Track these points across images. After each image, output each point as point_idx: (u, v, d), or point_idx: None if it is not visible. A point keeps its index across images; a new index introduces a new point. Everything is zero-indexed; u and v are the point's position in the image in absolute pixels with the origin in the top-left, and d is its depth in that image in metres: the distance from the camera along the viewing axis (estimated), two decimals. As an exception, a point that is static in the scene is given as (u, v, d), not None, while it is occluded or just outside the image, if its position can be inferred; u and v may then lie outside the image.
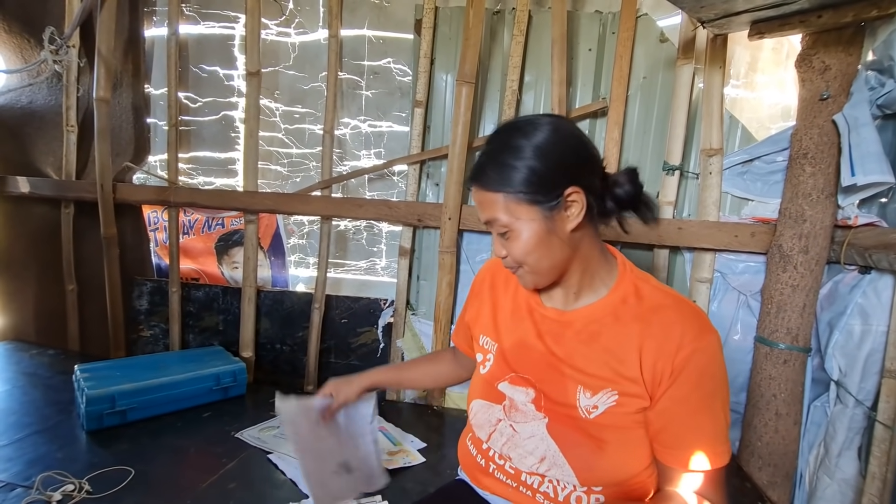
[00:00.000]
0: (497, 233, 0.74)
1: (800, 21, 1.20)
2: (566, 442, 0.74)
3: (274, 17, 1.88)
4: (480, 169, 0.72)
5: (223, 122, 2.00)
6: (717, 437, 0.68)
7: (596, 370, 0.73)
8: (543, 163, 0.68)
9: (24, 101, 2.00)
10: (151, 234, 2.14)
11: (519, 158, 0.68)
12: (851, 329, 1.27)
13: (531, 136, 0.69)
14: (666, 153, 1.54)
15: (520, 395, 0.79)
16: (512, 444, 0.78)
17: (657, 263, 1.57)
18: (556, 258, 0.72)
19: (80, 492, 1.07)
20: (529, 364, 0.79)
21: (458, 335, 1.05)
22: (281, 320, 1.94)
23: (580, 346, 0.75)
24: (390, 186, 1.89)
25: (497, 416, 0.81)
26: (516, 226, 0.70)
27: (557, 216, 0.70)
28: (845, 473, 1.29)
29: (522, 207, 0.69)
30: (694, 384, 0.67)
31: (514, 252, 0.72)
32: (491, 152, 0.72)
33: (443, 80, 1.72)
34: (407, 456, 1.32)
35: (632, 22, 1.52)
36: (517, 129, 0.71)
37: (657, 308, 0.72)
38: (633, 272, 0.78)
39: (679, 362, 0.67)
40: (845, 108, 1.24)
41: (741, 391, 1.49)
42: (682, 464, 0.69)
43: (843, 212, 1.30)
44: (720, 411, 0.69)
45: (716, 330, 0.70)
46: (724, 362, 0.70)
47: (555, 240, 0.71)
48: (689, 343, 0.67)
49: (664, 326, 0.69)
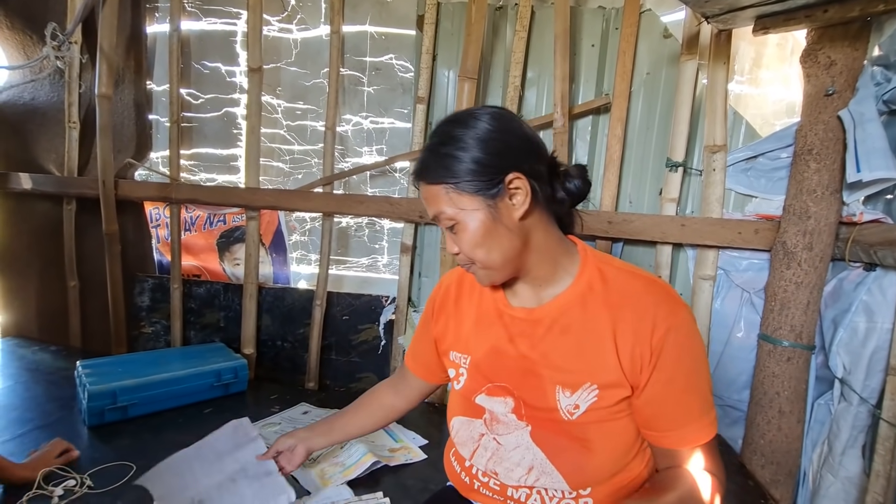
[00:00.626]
0: (446, 227, 0.72)
1: (805, 16, 1.19)
2: (552, 448, 0.72)
3: (276, 13, 1.87)
4: (422, 164, 0.71)
5: (225, 119, 2.00)
6: (706, 409, 0.69)
7: (572, 365, 0.71)
8: (482, 150, 0.67)
9: (26, 97, 2.00)
10: (153, 230, 2.14)
11: (459, 148, 0.67)
12: (856, 326, 1.26)
13: (470, 126, 0.68)
14: (669, 149, 1.53)
15: (499, 406, 0.77)
16: (497, 458, 0.76)
17: (660, 261, 1.56)
18: (505, 249, 0.70)
19: (82, 487, 1.07)
20: (504, 371, 0.77)
21: (417, 357, 0.98)
22: (282, 317, 1.94)
23: (553, 343, 0.73)
24: (392, 183, 1.88)
25: (479, 430, 0.79)
26: (461, 217, 0.69)
27: (502, 204, 0.68)
28: (849, 471, 1.28)
29: (465, 198, 0.68)
30: (675, 363, 0.67)
31: (464, 245, 0.71)
32: (432, 146, 0.71)
33: (445, 76, 1.72)
34: (408, 452, 1.32)
35: (635, 17, 1.51)
36: (456, 121, 0.70)
37: (625, 291, 0.71)
38: (595, 256, 0.76)
39: (656, 343, 0.66)
40: (851, 104, 1.23)
41: (744, 389, 1.48)
42: (680, 443, 0.69)
43: (848, 208, 1.29)
44: (704, 383, 0.69)
45: (686, 304, 0.70)
46: (699, 334, 0.70)
47: (502, 229, 0.69)
48: (663, 321, 0.66)
49: (635, 309, 0.68)
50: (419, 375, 0.98)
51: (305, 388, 1.87)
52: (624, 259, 1.62)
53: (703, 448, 0.69)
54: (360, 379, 1.91)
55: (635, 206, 1.63)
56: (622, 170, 1.61)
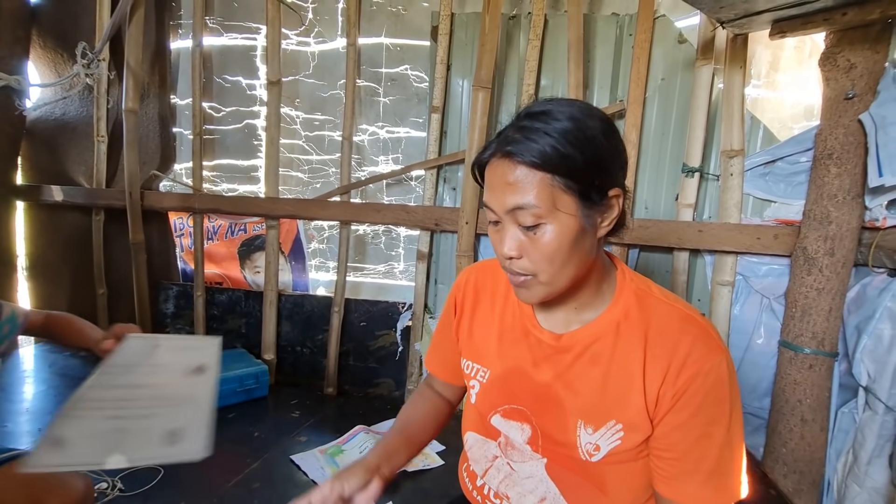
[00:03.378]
0: (520, 224, 0.59)
1: (823, 19, 1.18)
2: (567, 485, 0.68)
3: (294, 27, 1.92)
4: (525, 138, 0.57)
5: (246, 131, 2.05)
6: (721, 471, 0.60)
7: (598, 398, 0.65)
8: (607, 154, 0.59)
9: (57, 113, 2.09)
10: (177, 239, 2.20)
11: (588, 141, 0.56)
12: (881, 334, 1.23)
13: (599, 122, 0.59)
14: (685, 155, 1.53)
15: (515, 432, 0.71)
16: (510, 482, 0.72)
17: (677, 266, 1.55)
18: (578, 267, 0.62)
19: (114, 490, 1.12)
20: (525, 395, 0.70)
21: (437, 358, 0.87)
22: (301, 323, 1.98)
23: (580, 373, 0.67)
24: (408, 191, 1.91)
25: (493, 452, 0.75)
26: (552, 218, 0.58)
27: (596, 218, 0.60)
28: (875, 482, 1.25)
29: (567, 198, 0.57)
30: (695, 409, 0.60)
31: (539, 252, 0.60)
32: (552, 128, 0.57)
33: (459, 85, 1.74)
34: (426, 459, 1.33)
35: (649, 23, 1.51)
36: (586, 111, 0.59)
37: (661, 324, 0.64)
38: (633, 280, 0.69)
39: (681, 385, 0.60)
40: (872, 107, 1.21)
41: (765, 396, 1.46)
42: (678, 496, 0.61)
43: (870, 213, 1.27)
44: (726, 442, 0.60)
45: (726, 349, 0.62)
46: (735, 387, 0.61)
47: (585, 244, 0.61)
48: (694, 363, 0.60)
49: (668, 346, 0.62)
50: (445, 379, 0.87)
51: (324, 394, 1.90)
52: (640, 266, 1.63)
53: None
54: (378, 384, 1.93)
55: (651, 212, 1.63)
56: (637, 176, 1.61)
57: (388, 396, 1.91)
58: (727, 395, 0.60)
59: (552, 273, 0.61)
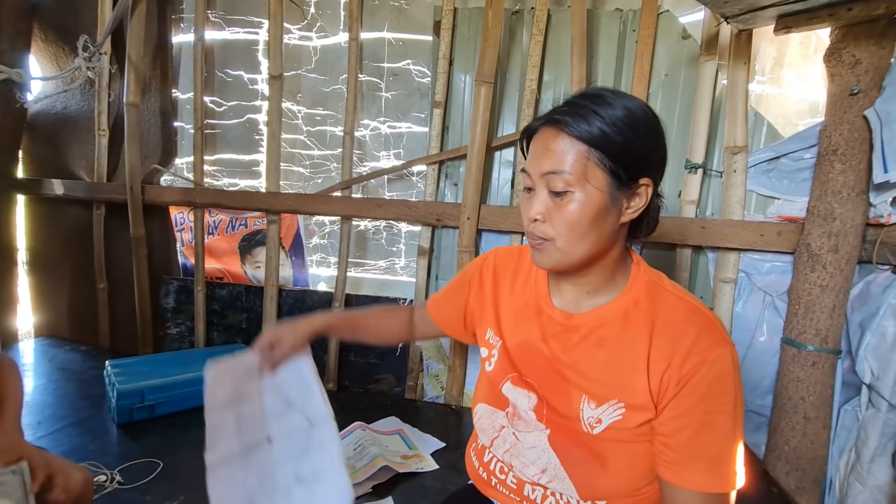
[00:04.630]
0: (551, 189, 0.65)
1: (829, 14, 1.17)
2: (568, 457, 0.71)
3: (296, 21, 1.91)
4: (578, 115, 0.63)
5: (247, 125, 2.05)
6: (722, 460, 0.62)
7: (602, 378, 0.69)
8: (647, 142, 0.64)
9: (58, 106, 2.08)
10: (178, 234, 2.20)
11: (630, 126, 0.62)
12: (885, 331, 1.23)
13: (647, 115, 0.65)
14: (688, 151, 1.52)
15: (522, 398, 0.76)
16: (515, 451, 0.76)
17: (680, 263, 1.55)
18: (595, 244, 0.66)
19: (112, 482, 1.11)
20: (533, 368, 0.75)
21: (442, 306, 0.98)
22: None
23: (586, 353, 0.71)
24: (409, 187, 1.90)
25: (500, 422, 0.79)
26: (581, 188, 0.62)
27: (622, 200, 0.65)
28: (878, 480, 1.25)
29: (598, 173, 0.62)
30: (699, 398, 0.62)
31: (561, 218, 0.64)
32: (602, 110, 0.62)
33: (461, 80, 1.73)
34: (421, 461, 1.31)
35: (653, 19, 1.51)
36: (636, 103, 0.65)
37: (669, 314, 0.67)
38: (647, 272, 0.73)
39: (686, 373, 0.62)
40: (877, 103, 1.20)
41: (767, 394, 1.45)
42: (680, 482, 0.63)
43: (875, 209, 1.26)
44: (729, 432, 0.62)
45: (731, 343, 0.65)
46: (738, 379, 0.64)
47: (607, 224, 0.65)
48: (699, 353, 0.62)
49: (674, 335, 0.65)
50: (438, 323, 0.99)
51: (325, 389, 1.89)
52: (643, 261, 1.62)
53: (709, 499, 0.62)
54: (379, 380, 1.93)
55: (654, 209, 1.62)
56: (640, 172, 1.60)
57: (389, 392, 1.90)
58: (731, 387, 0.62)
59: (569, 241, 0.65)
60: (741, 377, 0.64)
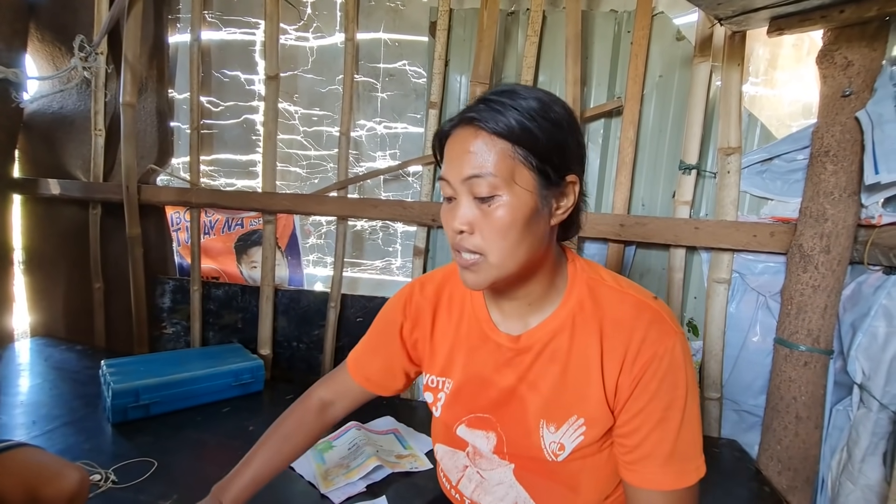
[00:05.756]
0: (475, 195, 0.58)
1: (821, 16, 1.18)
2: (537, 489, 0.69)
3: (293, 22, 1.92)
4: (490, 108, 0.57)
5: (244, 126, 2.05)
6: (682, 454, 0.61)
7: (558, 395, 0.66)
8: (562, 133, 0.58)
9: (55, 106, 2.08)
10: (174, 234, 2.20)
11: (551, 121, 0.57)
12: (875, 331, 1.24)
13: (552, 99, 0.60)
14: (682, 152, 1.53)
15: (481, 441, 0.72)
16: (482, 490, 0.74)
17: (673, 264, 1.55)
18: (530, 251, 0.60)
19: (107, 482, 1.11)
20: (488, 402, 0.70)
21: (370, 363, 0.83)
22: (298, 319, 1.97)
23: (542, 370, 0.67)
24: (405, 187, 1.90)
25: (463, 462, 0.76)
26: (508, 191, 0.56)
27: (552, 201, 0.60)
28: (869, 479, 1.25)
29: (525, 172, 0.57)
30: (652, 394, 0.61)
31: (490, 226, 0.57)
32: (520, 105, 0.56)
33: (457, 81, 1.74)
34: (415, 460, 1.31)
35: (647, 20, 1.51)
36: (551, 97, 0.60)
37: (615, 314, 0.64)
38: (584, 270, 0.68)
39: (637, 371, 0.61)
40: (869, 105, 1.21)
41: (760, 394, 1.46)
42: (640, 482, 0.62)
43: (866, 211, 1.27)
44: (685, 424, 0.61)
45: (680, 331, 0.63)
46: (690, 368, 0.62)
47: (539, 228, 0.60)
48: (648, 348, 0.61)
49: (624, 336, 0.62)
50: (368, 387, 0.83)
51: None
52: (636, 263, 1.63)
53: (671, 496, 0.60)
54: (374, 380, 1.93)
55: (648, 209, 1.63)
56: (634, 173, 1.61)
57: (384, 392, 1.91)
58: (682, 378, 0.61)
59: (503, 252, 0.58)
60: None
